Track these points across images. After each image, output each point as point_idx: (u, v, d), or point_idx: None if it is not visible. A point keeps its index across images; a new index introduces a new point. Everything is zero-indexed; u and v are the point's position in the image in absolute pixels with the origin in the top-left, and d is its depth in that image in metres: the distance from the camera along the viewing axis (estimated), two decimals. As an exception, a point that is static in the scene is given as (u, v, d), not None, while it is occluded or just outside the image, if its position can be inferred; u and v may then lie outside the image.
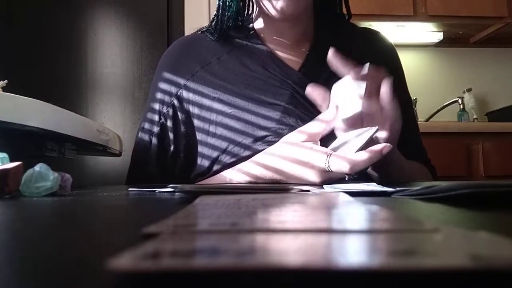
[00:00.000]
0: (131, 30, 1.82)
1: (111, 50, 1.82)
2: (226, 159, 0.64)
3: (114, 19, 1.83)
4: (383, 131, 0.54)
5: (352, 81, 0.54)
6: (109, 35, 1.82)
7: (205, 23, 0.79)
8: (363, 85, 0.52)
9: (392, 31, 2.12)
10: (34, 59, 1.76)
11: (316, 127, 0.54)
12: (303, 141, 0.54)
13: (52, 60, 1.76)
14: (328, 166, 0.49)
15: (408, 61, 2.28)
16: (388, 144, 0.49)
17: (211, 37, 0.72)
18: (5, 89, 0.54)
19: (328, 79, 0.68)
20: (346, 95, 0.54)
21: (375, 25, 2.05)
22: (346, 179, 0.52)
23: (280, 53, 0.70)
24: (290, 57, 0.70)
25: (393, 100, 0.54)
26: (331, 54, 0.56)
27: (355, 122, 0.54)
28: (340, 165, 0.48)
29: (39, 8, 1.78)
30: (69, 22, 1.79)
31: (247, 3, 0.75)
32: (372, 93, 0.53)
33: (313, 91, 0.58)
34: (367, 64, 0.55)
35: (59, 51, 1.77)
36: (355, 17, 0.79)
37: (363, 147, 0.49)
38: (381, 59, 0.75)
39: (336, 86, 0.56)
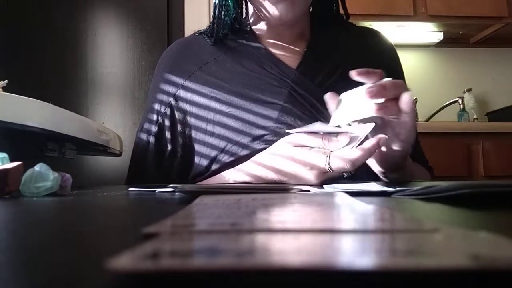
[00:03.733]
0: (131, 30, 1.83)
1: (111, 50, 1.82)
2: (225, 158, 0.64)
3: (114, 19, 1.83)
4: (398, 141, 0.53)
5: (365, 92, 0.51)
6: (109, 35, 1.82)
7: (205, 23, 0.79)
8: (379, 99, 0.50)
9: (392, 31, 2.12)
10: (34, 59, 1.76)
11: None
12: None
13: (52, 60, 1.77)
14: (329, 166, 0.49)
15: (408, 61, 2.28)
16: (384, 135, 0.49)
17: (208, 40, 0.72)
18: (5, 89, 0.54)
19: (325, 77, 0.68)
20: (358, 100, 0.51)
21: (375, 25, 2.05)
22: (345, 176, 0.52)
23: (277, 52, 0.70)
24: (287, 56, 0.70)
25: (412, 110, 0.51)
26: (354, 73, 0.51)
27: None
28: (341, 164, 0.48)
29: (39, 8, 1.79)
30: (69, 22, 1.80)
31: (244, 5, 0.75)
32: (388, 101, 0.50)
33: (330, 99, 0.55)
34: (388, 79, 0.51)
35: (59, 51, 1.78)
36: (355, 17, 0.79)
37: (360, 143, 0.49)
38: (380, 59, 0.75)
39: (348, 93, 0.54)
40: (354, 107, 0.52)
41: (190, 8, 1.84)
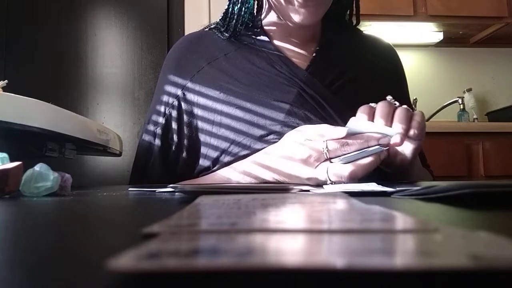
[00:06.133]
0: (131, 30, 1.83)
1: (111, 50, 1.82)
2: (227, 158, 0.64)
3: (114, 19, 1.83)
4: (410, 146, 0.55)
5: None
6: (109, 35, 1.82)
7: (205, 23, 0.79)
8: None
9: (392, 31, 2.12)
10: (34, 59, 1.76)
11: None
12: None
13: (52, 60, 1.77)
14: (327, 149, 0.49)
15: (408, 61, 2.29)
16: (384, 149, 0.49)
17: (219, 34, 0.72)
18: (5, 89, 0.54)
19: (335, 80, 0.68)
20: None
21: (375, 25, 2.05)
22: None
23: (287, 52, 0.71)
24: (298, 57, 0.70)
25: (422, 122, 0.54)
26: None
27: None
28: (339, 171, 0.48)
29: (39, 8, 1.79)
30: (69, 22, 1.80)
31: (257, 3, 0.75)
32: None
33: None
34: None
35: (59, 51, 1.78)
36: (355, 17, 0.79)
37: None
38: (383, 65, 0.76)
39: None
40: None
41: (190, 8, 1.84)
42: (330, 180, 0.49)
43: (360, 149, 0.48)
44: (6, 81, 0.56)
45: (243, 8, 0.70)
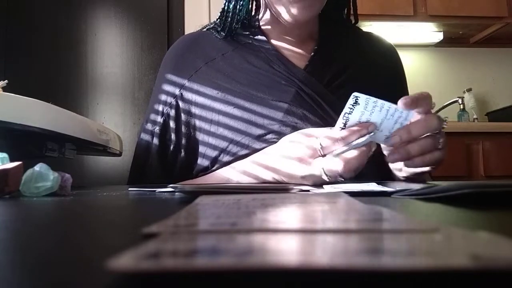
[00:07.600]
0: (131, 30, 1.83)
1: (111, 50, 1.82)
2: (226, 158, 0.64)
3: (114, 19, 1.83)
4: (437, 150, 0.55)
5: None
6: (109, 35, 1.82)
7: (205, 23, 0.79)
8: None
9: (392, 31, 2.12)
10: (34, 59, 1.76)
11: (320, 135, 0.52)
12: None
13: (52, 60, 1.77)
14: (321, 147, 0.49)
15: (408, 61, 2.28)
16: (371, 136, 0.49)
17: (216, 34, 0.72)
18: (5, 89, 0.54)
19: (333, 78, 0.68)
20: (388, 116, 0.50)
21: (375, 25, 2.05)
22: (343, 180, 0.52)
23: (285, 52, 0.70)
24: (295, 56, 0.70)
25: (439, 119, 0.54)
26: (401, 104, 0.51)
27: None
28: (333, 164, 0.48)
29: (39, 8, 1.79)
30: (69, 22, 1.80)
31: (255, 3, 0.75)
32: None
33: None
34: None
35: (59, 51, 1.78)
36: (355, 17, 0.79)
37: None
38: (383, 62, 0.76)
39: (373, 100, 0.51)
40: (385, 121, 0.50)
41: (190, 8, 1.84)
42: (325, 174, 0.49)
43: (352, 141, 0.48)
44: (6, 81, 0.56)
45: (238, 6, 0.70)
